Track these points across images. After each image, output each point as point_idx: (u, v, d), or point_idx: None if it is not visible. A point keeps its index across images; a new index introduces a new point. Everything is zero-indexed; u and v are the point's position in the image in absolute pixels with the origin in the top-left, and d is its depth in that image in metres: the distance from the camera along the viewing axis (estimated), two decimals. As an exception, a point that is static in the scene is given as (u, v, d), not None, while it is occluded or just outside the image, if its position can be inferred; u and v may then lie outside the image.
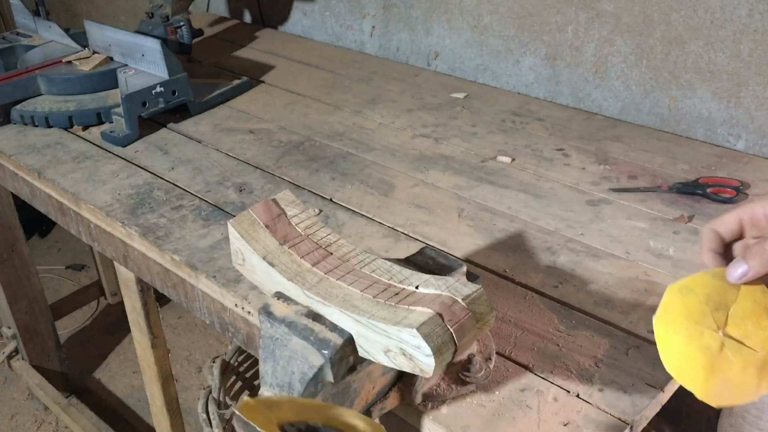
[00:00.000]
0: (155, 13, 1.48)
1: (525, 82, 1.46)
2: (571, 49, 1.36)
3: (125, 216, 1.02)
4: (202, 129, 1.30)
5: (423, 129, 1.27)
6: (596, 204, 1.02)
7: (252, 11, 1.99)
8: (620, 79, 1.31)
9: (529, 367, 0.73)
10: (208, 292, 0.90)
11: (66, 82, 1.32)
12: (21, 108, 1.30)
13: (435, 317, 0.59)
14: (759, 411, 0.87)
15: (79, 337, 2.25)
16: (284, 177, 1.12)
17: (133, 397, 2.02)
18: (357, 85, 1.48)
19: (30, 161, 1.18)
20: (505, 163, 1.14)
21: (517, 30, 1.43)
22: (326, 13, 1.80)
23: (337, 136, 1.26)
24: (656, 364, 0.72)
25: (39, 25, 1.53)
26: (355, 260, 0.68)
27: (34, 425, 1.93)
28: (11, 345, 1.93)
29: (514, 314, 0.80)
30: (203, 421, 1.23)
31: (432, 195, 1.06)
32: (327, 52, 1.70)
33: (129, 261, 1.04)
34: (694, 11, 1.18)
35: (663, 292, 0.54)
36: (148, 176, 1.13)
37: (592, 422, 0.66)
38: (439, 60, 1.60)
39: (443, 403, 0.68)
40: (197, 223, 1.00)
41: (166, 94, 1.28)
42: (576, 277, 0.86)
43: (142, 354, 1.26)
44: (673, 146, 1.19)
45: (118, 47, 1.38)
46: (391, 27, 1.66)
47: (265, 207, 0.74)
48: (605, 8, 1.28)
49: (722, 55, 1.17)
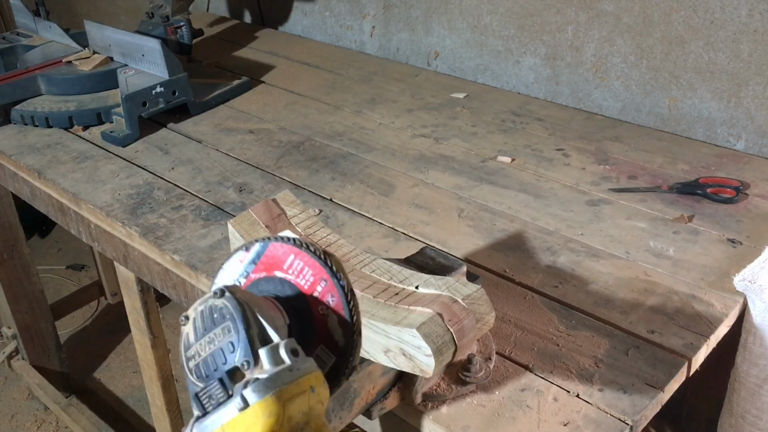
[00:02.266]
0: (155, 13, 1.48)
1: (525, 82, 1.46)
2: (571, 49, 1.36)
3: (125, 216, 1.02)
4: (202, 129, 1.30)
5: (423, 129, 1.27)
6: (596, 204, 1.02)
7: (252, 11, 1.99)
8: (620, 79, 1.31)
9: (529, 367, 0.73)
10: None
11: (66, 82, 1.32)
12: (21, 108, 1.30)
13: (435, 317, 0.59)
14: (759, 411, 0.87)
15: (79, 337, 2.25)
16: (284, 177, 1.12)
17: (133, 397, 2.02)
18: (357, 85, 1.48)
19: (30, 161, 1.18)
20: (505, 163, 1.14)
21: (517, 30, 1.43)
22: (326, 13, 1.80)
23: (337, 136, 1.26)
24: (656, 364, 0.72)
25: (39, 25, 1.53)
26: (355, 260, 0.68)
27: (34, 425, 1.93)
28: (11, 345, 1.93)
29: (514, 314, 0.80)
30: (203, 421, 1.23)
31: (432, 195, 1.06)
32: (327, 52, 1.70)
33: (129, 261, 1.04)
34: (694, 11, 1.18)
35: (663, 292, 0.54)
36: (148, 176, 1.13)
37: (592, 422, 0.66)
38: (439, 60, 1.60)
39: (443, 403, 0.68)
40: (197, 223, 1.00)
41: (166, 94, 1.28)
42: (576, 277, 0.86)
43: (142, 354, 1.26)
44: (673, 146, 1.19)
45: (118, 47, 1.38)
46: (391, 27, 1.66)
47: (265, 207, 0.74)
48: (605, 8, 1.28)
49: (722, 55, 1.17)
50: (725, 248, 0.91)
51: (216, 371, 0.43)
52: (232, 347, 0.43)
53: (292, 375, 0.40)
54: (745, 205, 1.01)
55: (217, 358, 0.43)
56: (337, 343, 0.49)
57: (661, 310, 0.80)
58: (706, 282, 0.85)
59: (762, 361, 0.84)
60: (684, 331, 0.77)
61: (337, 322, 0.49)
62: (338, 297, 0.49)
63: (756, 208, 1.00)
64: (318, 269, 0.49)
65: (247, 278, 0.51)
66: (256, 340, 0.43)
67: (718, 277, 0.86)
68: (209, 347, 0.44)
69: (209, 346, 0.44)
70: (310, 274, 0.49)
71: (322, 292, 0.49)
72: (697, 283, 0.85)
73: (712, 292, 0.83)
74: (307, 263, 0.49)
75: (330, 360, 0.50)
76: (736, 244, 0.92)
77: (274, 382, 0.39)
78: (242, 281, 0.51)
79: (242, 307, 0.43)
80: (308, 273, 0.49)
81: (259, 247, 0.51)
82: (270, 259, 0.50)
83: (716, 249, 0.91)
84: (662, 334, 0.77)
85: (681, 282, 0.85)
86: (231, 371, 0.42)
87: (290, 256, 0.50)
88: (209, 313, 0.44)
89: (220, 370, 0.43)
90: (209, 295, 0.44)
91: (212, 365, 0.44)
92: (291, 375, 0.40)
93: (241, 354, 0.42)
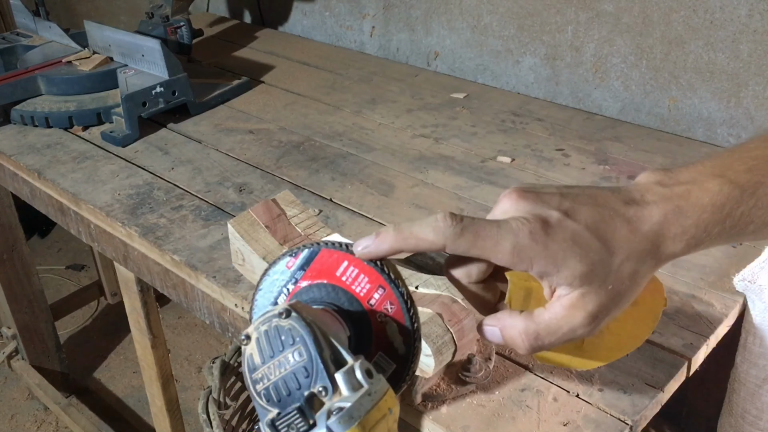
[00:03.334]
0: (155, 13, 1.48)
1: (525, 82, 1.46)
2: (571, 49, 1.36)
3: (125, 216, 1.02)
4: (202, 129, 1.30)
5: (423, 129, 1.27)
6: (596, 204, 1.02)
7: (252, 11, 1.99)
8: (620, 79, 1.31)
9: (529, 367, 0.73)
10: (208, 292, 0.90)
11: (66, 82, 1.32)
12: (21, 108, 1.30)
13: (435, 317, 0.59)
14: (759, 411, 0.87)
15: (79, 337, 2.25)
16: (284, 177, 1.12)
17: (133, 397, 2.02)
18: (357, 85, 1.48)
19: (30, 161, 1.18)
20: (505, 163, 1.14)
21: (516, 30, 1.43)
22: (326, 13, 1.80)
23: (337, 136, 1.26)
24: (656, 364, 0.72)
25: (39, 25, 1.53)
26: (355, 260, 0.68)
27: (34, 425, 1.93)
28: (11, 345, 1.93)
29: (514, 314, 0.80)
30: (203, 422, 1.23)
31: (432, 195, 1.06)
32: (327, 52, 1.70)
33: (129, 261, 1.04)
34: (694, 11, 1.18)
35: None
36: (148, 176, 1.13)
37: (592, 422, 0.66)
38: (439, 60, 1.60)
39: (443, 403, 0.68)
40: (197, 223, 1.00)
41: (166, 94, 1.28)
42: (576, 277, 0.86)
43: (142, 354, 1.26)
44: (673, 146, 1.19)
45: (118, 47, 1.38)
46: (391, 27, 1.66)
47: (265, 207, 0.74)
48: (605, 8, 1.28)
49: (722, 56, 1.17)
50: (725, 248, 0.91)
51: (290, 396, 0.42)
52: (305, 371, 0.41)
53: (371, 399, 0.39)
54: (745, 205, 1.01)
55: (290, 383, 0.42)
56: (397, 351, 0.48)
57: (661, 310, 0.80)
58: (705, 282, 0.85)
59: (762, 361, 0.84)
60: (684, 331, 0.77)
61: (396, 329, 0.48)
62: (398, 305, 0.48)
63: (756, 208, 1.00)
64: (374, 276, 0.48)
65: (296, 285, 0.50)
66: (330, 364, 0.41)
67: (718, 277, 0.86)
68: (279, 371, 0.42)
69: (279, 370, 0.42)
70: (366, 282, 0.48)
71: (379, 299, 0.48)
72: (696, 283, 0.85)
73: (712, 292, 0.83)
74: (363, 270, 0.48)
75: (390, 368, 0.49)
76: (736, 244, 0.92)
77: (357, 410, 0.39)
78: (291, 287, 0.50)
79: (312, 329, 0.42)
80: (364, 280, 0.48)
81: (307, 252, 0.49)
82: (321, 265, 0.49)
83: (716, 249, 0.91)
84: (662, 334, 0.77)
85: (681, 282, 0.85)
86: (308, 397, 0.41)
87: (344, 263, 0.48)
88: (276, 334, 0.43)
89: (294, 395, 0.41)
90: (272, 313, 0.43)
91: (284, 390, 0.42)
92: (371, 400, 0.39)
93: (318, 380, 0.41)
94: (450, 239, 0.43)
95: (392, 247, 0.46)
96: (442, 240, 0.44)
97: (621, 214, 0.45)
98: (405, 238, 0.45)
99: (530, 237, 0.43)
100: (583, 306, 0.44)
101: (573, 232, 0.44)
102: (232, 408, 1.28)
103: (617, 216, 0.45)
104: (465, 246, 0.44)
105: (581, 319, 0.44)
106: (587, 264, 0.43)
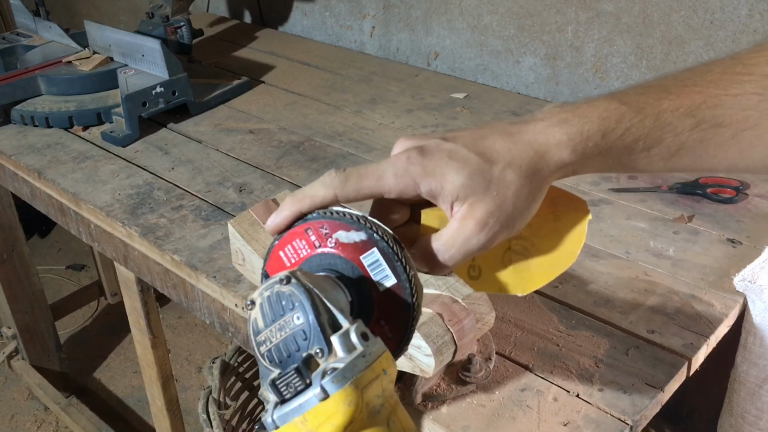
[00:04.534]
0: (155, 13, 1.48)
1: (525, 82, 1.46)
2: (571, 49, 1.36)
3: (125, 216, 1.02)
4: (202, 129, 1.30)
5: (423, 129, 1.27)
6: (596, 204, 1.02)
7: (252, 11, 1.99)
8: (620, 79, 1.31)
9: (529, 367, 0.73)
10: (208, 292, 0.90)
11: (66, 82, 1.32)
12: (21, 108, 1.30)
13: (435, 317, 0.59)
14: (759, 411, 0.87)
15: (79, 337, 2.25)
16: (284, 177, 1.12)
17: (133, 397, 2.02)
18: (357, 85, 1.48)
19: (30, 161, 1.18)
20: (505, 163, 1.14)
21: (517, 30, 1.43)
22: (326, 13, 1.80)
23: (337, 136, 1.26)
24: (656, 364, 0.72)
25: (39, 25, 1.53)
26: (355, 260, 0.68)
27: (34, 425, 1.93)
28: (11, 345, 1.93)
29: (514, 314, 0.80)
30: (203, 422, 1.23)
31: (432, 195, 1.06)
32: (327, 52, 1.70)
33: (129, 261, 1.04)
34: (694, 11, 1.18)
35: (663, 292, 0.55)
36: (148, 176, 1.13)
37: (592, 422, 0.66)
38: (439, 60, 1.60)
39: (443, 403, 0.68)
40: (197, 223, 1.00)
41: (166, 94, 1.28)
42: (576, 277, 0.86)
43: (142, 354, 1.26)
44: (673, 146, 1.18)
45: (118, 47, 1.38)
46: (391, 27, 1.66)
47: (265, 207, 0.74)
48: (605, 8, 1.28)
49: (722, 56, 1.17)
50: (725, 248, 0.91)
51: (290, 358, 0.44)
52: (303, 335, 0.44)
53: (365, 361, 0.41)
54: (745, 205, 1.01)
55: (290, 344, 0.44)
56: (396, 318, 0.50)
57: (661, 310, 0.80)
58: (706, 282, 0.85)
59: (762, 361, 0.84)
60: (684, 331, 0.77)
61: (396, 296, 0.49)
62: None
63: (756, 208, 1.00)
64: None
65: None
66: (327, 327, 0.43)
67: (718, 277, 0.86)
68: (280, 334, 0.45)
69: (280, 333, 0.45)
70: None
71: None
72: (697, 283, 0.85)
73: (712, 292, 0.83)
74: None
75: (390, 335, 0.50)
76: (736, 244, 0.92)
77: (350, 371, 0.40)
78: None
79: (310, 294, 0.44)
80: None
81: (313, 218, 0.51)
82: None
83: (716, 249, 0.91)
84: (662, 334, 0.77)
85: (681, 282, 0.85)
86: (306, 359, 0.43)
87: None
88: (277, 299, 0.45)
89: (294, 357, 0.44)
90: (275, 280, 0.45)
91: (285, 351, 0.44)
92: (365, 361, 0.41)
93: (314, 342, 0.43)
94: (338, 188, 0.46)
95: (292, 210, 0.47)
96: (332, 191, 0.46)
97: (502, 130, 0.47)
98: (300, 200, 0.47)
99: (407, 161, 0.45)
100: (471, 215, 0.46)
101: (449, 150, 0.46)
102: (232, 408, 1.28)
103: (497, 132, 0.47)
104: (353, 190, 0.46)
105: (472, 227, 0.46)
106: (466, 174, 0.45)
